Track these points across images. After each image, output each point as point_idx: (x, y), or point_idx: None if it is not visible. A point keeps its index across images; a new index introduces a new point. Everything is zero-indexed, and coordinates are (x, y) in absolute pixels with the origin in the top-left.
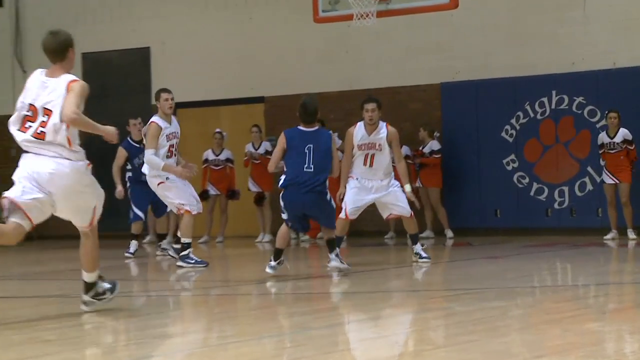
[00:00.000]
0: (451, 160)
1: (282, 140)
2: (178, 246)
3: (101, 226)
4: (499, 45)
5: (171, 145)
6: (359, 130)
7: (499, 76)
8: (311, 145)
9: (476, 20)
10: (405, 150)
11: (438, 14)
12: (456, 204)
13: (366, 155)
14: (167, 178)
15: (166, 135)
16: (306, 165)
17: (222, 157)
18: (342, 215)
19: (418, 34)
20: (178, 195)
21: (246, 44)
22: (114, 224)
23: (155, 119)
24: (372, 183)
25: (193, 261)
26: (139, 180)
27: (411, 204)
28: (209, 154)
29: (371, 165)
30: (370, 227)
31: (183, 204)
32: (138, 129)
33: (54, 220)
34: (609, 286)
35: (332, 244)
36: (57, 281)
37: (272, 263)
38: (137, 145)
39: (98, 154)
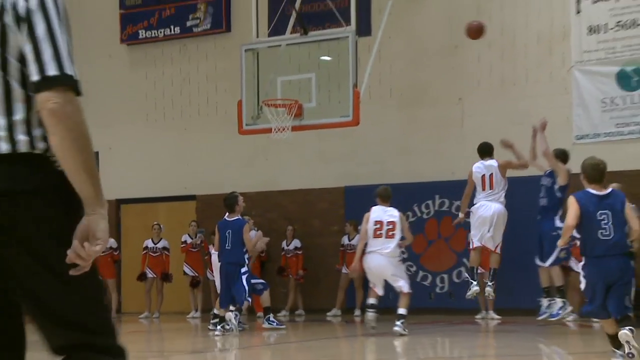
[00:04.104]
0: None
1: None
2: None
3: None
4: (392, 156)
5: None
6: None
7: (392, 182)
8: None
9: (374, 135)
10: (295, 243)
11: (343, 128)
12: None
13: None
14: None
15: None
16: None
17: (160, 245)
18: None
19: (326, 145)
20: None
21: (181, 150)
22: None
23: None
24: None
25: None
26: None
27: None
28: (149, 243)
29: None
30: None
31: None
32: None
33: None
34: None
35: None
36: None
37: None
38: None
39: None
